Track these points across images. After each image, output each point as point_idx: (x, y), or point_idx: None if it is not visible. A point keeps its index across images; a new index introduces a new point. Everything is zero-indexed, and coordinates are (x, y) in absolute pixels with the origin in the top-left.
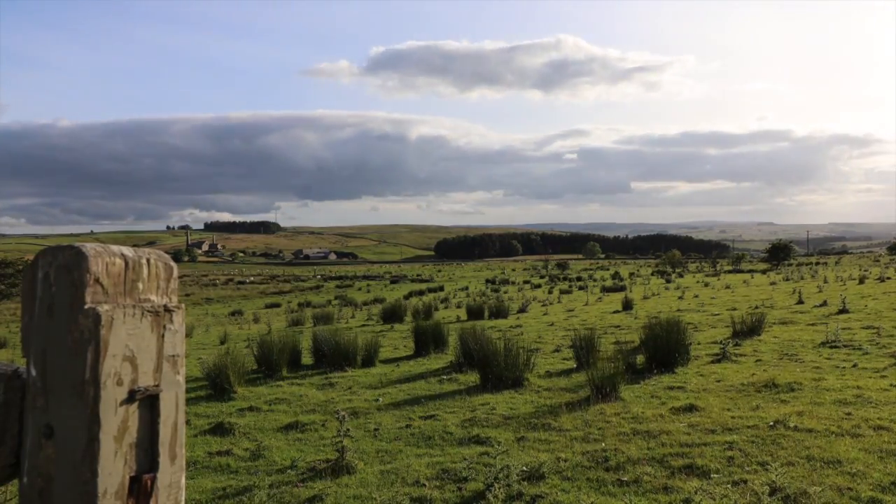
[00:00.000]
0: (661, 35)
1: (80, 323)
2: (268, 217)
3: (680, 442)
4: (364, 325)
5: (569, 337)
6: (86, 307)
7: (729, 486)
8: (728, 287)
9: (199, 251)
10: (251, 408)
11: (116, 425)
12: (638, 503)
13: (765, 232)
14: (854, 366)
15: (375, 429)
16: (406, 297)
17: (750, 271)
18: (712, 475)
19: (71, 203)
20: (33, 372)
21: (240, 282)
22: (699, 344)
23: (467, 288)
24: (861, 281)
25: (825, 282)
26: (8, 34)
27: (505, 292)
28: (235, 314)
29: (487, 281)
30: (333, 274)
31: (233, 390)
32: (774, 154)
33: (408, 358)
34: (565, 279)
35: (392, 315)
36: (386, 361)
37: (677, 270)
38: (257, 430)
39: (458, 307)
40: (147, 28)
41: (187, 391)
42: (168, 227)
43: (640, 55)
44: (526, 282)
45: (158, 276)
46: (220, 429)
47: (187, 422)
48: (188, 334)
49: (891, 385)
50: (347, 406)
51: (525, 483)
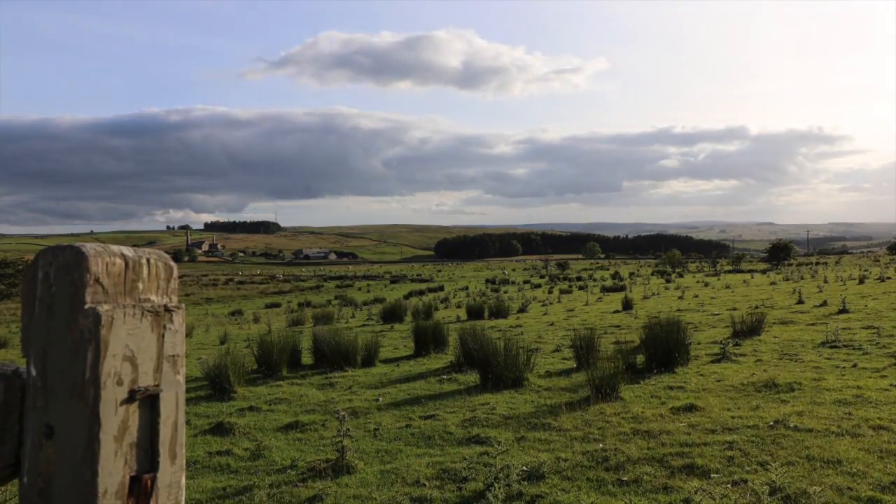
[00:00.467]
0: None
1: (81, 323)
2: (267, 217)
3: (680, 442)
4: (364, 325)
5: (569, 337)
6: (86, 307)
7: (729, 486)
8: (728, 287)
9: (199, 251)
10: (251, 408)
11: (116, 425)
12: (638, 503)
13: (765, 232)
14: (854, 366)
15: (375, 429)
16: (406, 297)
17: (750, 271)
18: (712, 475)
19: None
20: (33, 372)
21: (240, 282)
22: (699, 344)
23: (467, 288)
24: (861, 281)
25: (825, 282)
26: None
27: (505, 292)
28: (235, 314)
29: (487, 281)
30: (333, 274)
31: (233, 390)
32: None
33: (408, 358)
34: (565, 279)
35: (392, 315)
36: (386, 361)
37: (677, 270)
38: (257, 430)
39: (458, 307)
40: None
41: (187, 391)
42: (168, 227)
43: (564, 57)
44: (526, 282)
45: (158, 276)
46: (220, 429)
47: (187, 422)
48: (188, 334)
49: (891, 385)
50: (347, 406)
51: (525, 483)
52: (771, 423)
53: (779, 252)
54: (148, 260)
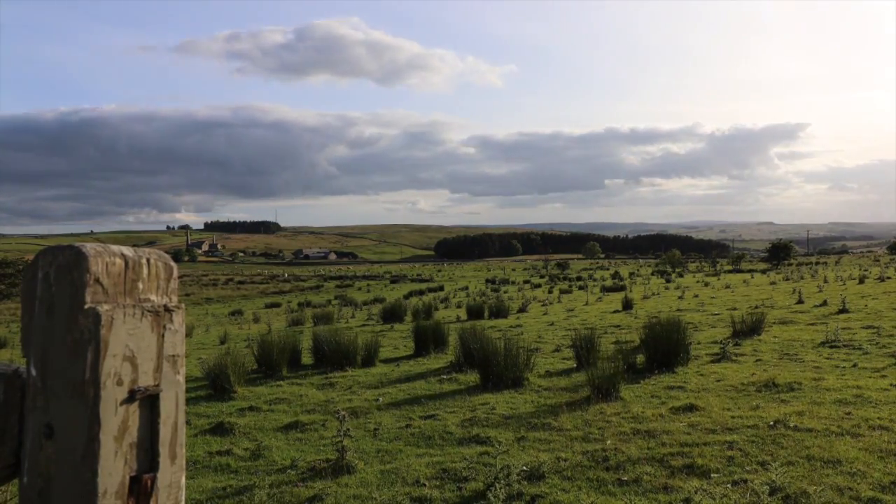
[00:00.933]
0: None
1: (80, 323)
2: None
3: (680, 442)
4: (364, 325)
5: (569, 336)
6: (86, 307)
7: (729, 486)
8: (728, 287)
9: (199, 251)
10: (251, 408)
11: (116, 425)
12: (638, 503)
13: (765, 232)
14: (854, 365)
15: (375, 429)
16: (406, 297)
17: (750, 271)
18: (712, 475)
19: None
20: (33, 372)
21: (240, 281)
22: (699, 344)
23: (467, 288)
24: (861, 281)
25: (825, 281)
26: None
27: (505, 292)
28: (235, 314)
29: (487, 281)
30: (333, 274)
31: (233, 390)
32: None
33: (408, 358)
34: (565, 279)
35: (392, 315)
36: (386, 361)
37: (677, 270)
38: (257, 430)
39: (458, 307)
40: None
41: (187, 391)
42: (168, 227)
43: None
44: (526, 281)
45: (158, 276)
46: (220, 429)
47: (187, 422)
48: (188, 334)
49: (891, 385)
50: (347, 406)
51: (525, 483)
52: (771, 423)
53: (779, 252)
54: (148, 260)
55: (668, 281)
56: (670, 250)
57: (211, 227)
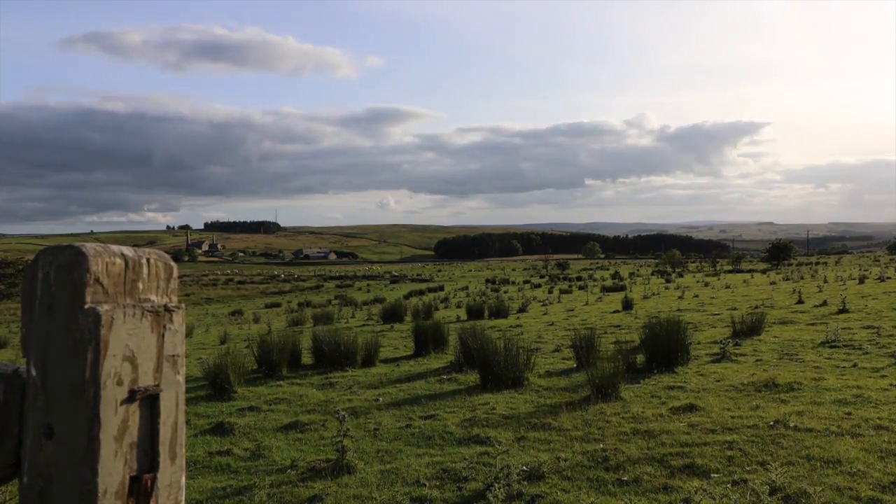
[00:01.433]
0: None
1: (80, 323)
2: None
3: (680, 442)
4: (364, 325)
5: (569, 336)
6: (86, 307)
7: (729, 486)
8: (728, 287)
9: (199, 251)
10: (251, 408)
11: (116, 425)
12: (638, 503)
13: (765, 232)
14: (854, 365)
15: (375, 429)
16: (406, 297)
17: (750, 271)
18: (712, 475)
19: None
20: (33, 372)
21: (240, 281)
22: (699, 344)
23: (467, 288)
24: (861, 281)
25: (825, 281)
26: None
27: (505, 292)
28: (235, 314)
29: (487, 281)
30: (333, 274)
31: (233, 390)
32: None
33: (408, 358)
34: (565, 279)
35: (392, 315)
36: (386, 361)
37: (677, 270)
38: (257, 430)
39: (458, 307)
40: None
41: (187, 391)
42: (168, 228)
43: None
44: (526, 281)
45: (158, 276)
46: (220, 429)
47: (187, 422)
48: (188, 334)
49: (891, 385)
50: (347, 406)
51: (525, 483)
52: (771, 423)
53: (779, 252)
54: (148, 260)
55: (668, 281)
56: (670, 250)
57: (211, 227)
